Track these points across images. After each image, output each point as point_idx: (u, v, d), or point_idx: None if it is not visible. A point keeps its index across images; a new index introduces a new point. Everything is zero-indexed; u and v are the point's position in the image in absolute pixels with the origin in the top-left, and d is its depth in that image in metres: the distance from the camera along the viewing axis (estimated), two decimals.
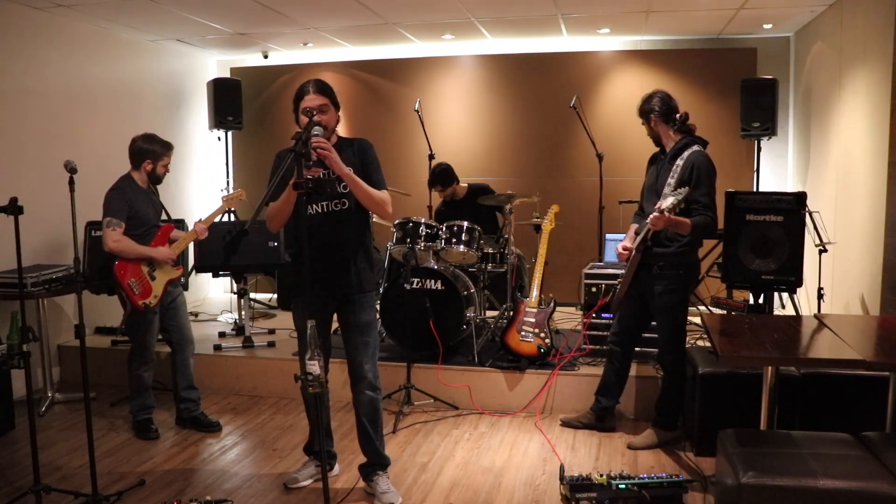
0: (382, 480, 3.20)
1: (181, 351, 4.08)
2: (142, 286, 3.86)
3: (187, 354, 4.09)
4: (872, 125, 4.25)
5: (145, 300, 3.86)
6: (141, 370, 3.99)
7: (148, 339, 3.96)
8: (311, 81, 3.04)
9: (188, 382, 4.10)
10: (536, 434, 3.99)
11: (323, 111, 2.98)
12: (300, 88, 3.03)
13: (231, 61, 7.17)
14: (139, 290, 3.85)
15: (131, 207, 3.84)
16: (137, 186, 3.95)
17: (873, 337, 3.07)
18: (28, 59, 4.89)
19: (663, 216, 3.30)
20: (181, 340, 4.08)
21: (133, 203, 3.86)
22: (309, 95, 2.99)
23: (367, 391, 3.15)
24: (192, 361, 4.14)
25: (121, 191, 3.88)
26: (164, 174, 4.07)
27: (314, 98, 2.98)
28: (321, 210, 3.07)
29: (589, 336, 4.61)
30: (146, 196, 3.98)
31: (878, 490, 2.24)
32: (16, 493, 3.19)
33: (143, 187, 3.98)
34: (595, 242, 5.76)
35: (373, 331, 3.17)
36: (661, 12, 5.35)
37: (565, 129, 6.38)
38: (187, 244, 4.13)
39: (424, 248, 4.71)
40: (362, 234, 3.16)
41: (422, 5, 5.20)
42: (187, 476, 3.49)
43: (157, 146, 3.99)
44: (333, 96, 3.06)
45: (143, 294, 3.86)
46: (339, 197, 3.07)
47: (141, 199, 3.92)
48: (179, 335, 4.08)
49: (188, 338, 4.11)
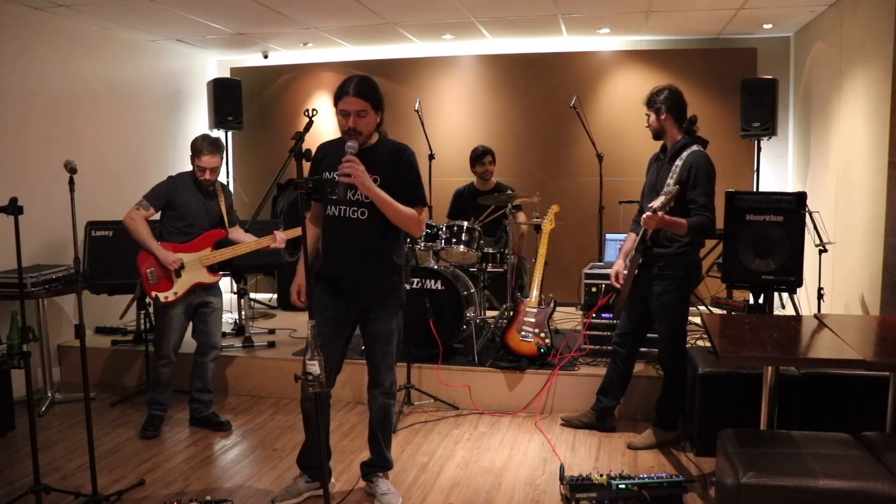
0: (382, 481, 3.20)
1: (203, 354, 4.07)
2: (161, 279, 3.86)
3: (208, 359, 4.08)
4: (872, 125, 4.25)
5: (161, 293, 3.85)
6: (157, 364, 4.01)
7: (167, 335, 3.95)
8: (354, 81, 2.82)
9: (203, 385, 4.09)
10: (536, 434, 3.99)
11: (361, 116, 2.81)
12: (341, 86, 2.83)
13: (231, 61, 7.17)
14: (156, 281, 3.85)
15: (171, 198, 3.88)
16: (189, 182, 3.95)
17: (873, 337, 3.07)
18: (28, 59, 4.88)
19: (655, 216, 3.29)
20: (205, 344, 4.07)
21: (174, 195, 3.88)
22: (348, 97, 2.80)
23: (380, 396, 3.14)
24: (213, 367, 4.12)
25: (168, 180, 3.94)
26: (206, 180, 3.90)
27: (353, 102, 2.80)
28: (338, 214, 2.95)
29: (589, 336, 4.61)
30: (195, 194, 3.94)
31: (878, 490, 2.23)
32: (16, 493, 3.19)
33: (198, 186, 3.95)
34: (595, 242, 5.76)
35: (392, 340, 3.07)
36: (661, 12, 5.35)
37: (565, 129, 6.38)
38: (259, 248, 3.99)
39: (424, 248, 4.71)
40: (385, 244, 2.97)
41: (422, 5, 5.20)
42: (187, 476, 3.49)
43: (195, 144, 3.90)
44: (374, 98, 2.84)
45: (159, 287, 3.85)
46: (359, 206, 2.91)
47: (187, 195, 3.91)
48: (205, 339, 4.07)
49: (213, 343, 4.08)
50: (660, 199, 3.30)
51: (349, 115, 2.83)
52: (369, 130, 2.89)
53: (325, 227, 3.03)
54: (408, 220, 2.92)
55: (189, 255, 3.90)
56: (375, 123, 2.91)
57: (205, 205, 3.98)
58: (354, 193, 2.91)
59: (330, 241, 3.02)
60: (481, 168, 5.47)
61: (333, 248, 3.01)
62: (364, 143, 2.91)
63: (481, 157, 5.47)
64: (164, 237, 3.93)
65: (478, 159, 5.48)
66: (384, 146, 2.98)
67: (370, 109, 2.84)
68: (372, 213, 2.91)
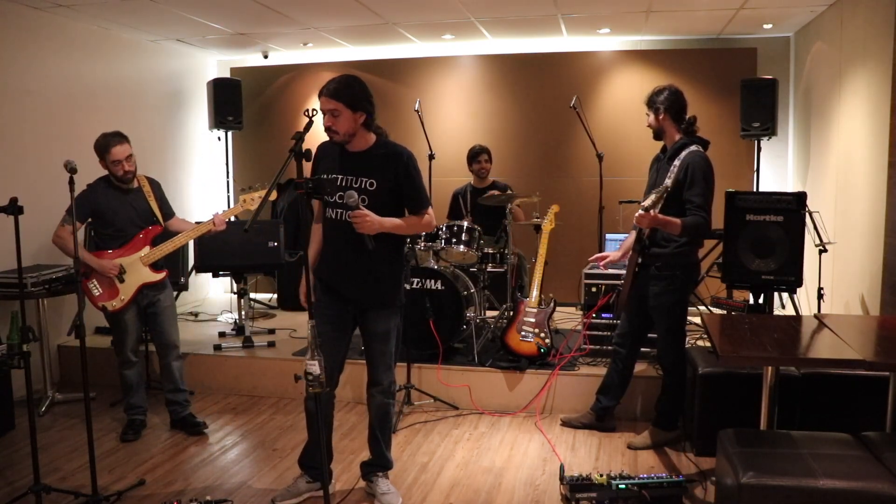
0: (382, 481, 3.20)
1: (164, 356, 4.04)
2: (104, 288, 3.82)
3: (170, 359, 4.03)
4: (872, 125, 4.25)
5: (108, 302, 3.82)
6: (122, 369, 3.99)
7: (124, 339, 3.93)
8: (331, 81, 2.88)
9: (173, 385, 4.06)
10: (536, 434, 3.99)
11: (335, 115, 2.86)
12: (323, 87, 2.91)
13: (231, 61, 7.17)
14: (100, 291, 3.81)
15: (93, 206, 3.80)
16: (106, 186, 3.86)
17: (873, 337, 3.07)
18: (28, 59, 4.88)
19: (648, 214, 3.30)
20: (162, 345, 4.03)
21: (95, 203, 3.80)
22: (322, 97, 2.87)
23: (379, 395, 3.14)
24: (178, 365, 4.07)
25: (85, 189, 3.83)
26: (125, 174, 3.80)
27: (325, 101, 2.86)
28: (335, 217, 2.97)
29: (589, 336, 4.61)
30: (116, 196, 3.85)
31: (878, 490, 2.23)
32: (16, 493, 3.19)
33: (117, 186, 3.86)
34: (595, 242, 5.75)
35: (391, 340, 3.08)
36: (661, 12, 5.35)
37: (565, 129, 6.38)
38: (198, 235, 3.92)
39: (424, 248, 4.72)
40: (384, 247, 2.98)
41: (422, 5, 5.20)
42: (187, 476, 3.49)
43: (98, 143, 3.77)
44: (350, 98, 2.86)
45: (105, 296, 3.82)
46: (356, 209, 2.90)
47: (109, 199, 3.83)
48: (160, 339, 4.03)
49: (169, 342, 4.03)
50: (651, 198, 3.32)
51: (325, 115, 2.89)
52: (347, 129, 2.90)
53: (325, 230, 3.07)
54: (418, 228, 3.04)
55: (127, 258, 3.85)
56: (356, 122, 2.91)
57: (130, 204, 3.89)
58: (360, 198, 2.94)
59: (329, 242, 3.06)
60: (477, 166, 5.59)
61: (332, 249, 3.04)
62: (347, 143, 2.94)
63: (477, 156, 5.58)
64: (100, 246, 3.89)
65: (474, 158, 5.59)
66: (381, 148, 2.99)
67: (344, 108, 2.86)
68: None
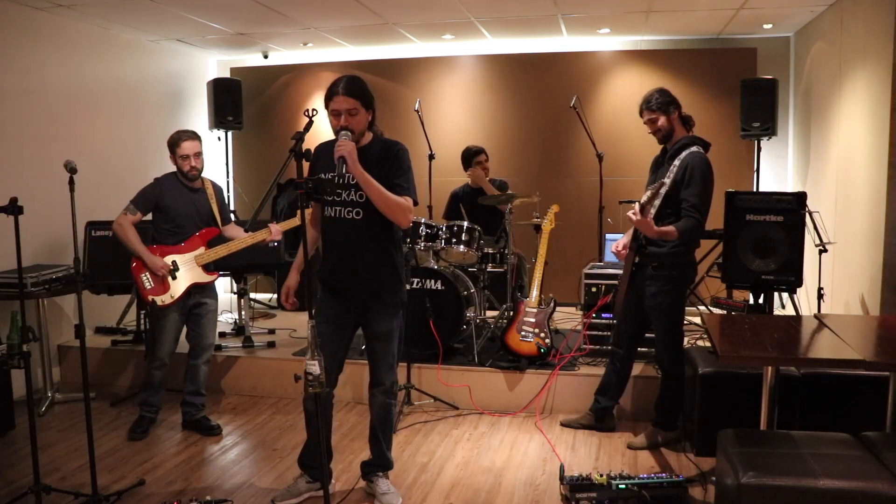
0: (382, 481, 3.20)
1: (195, 356, 4.05)
2: (157, 282, 3.84)
3: (200, 361, 4.05)
4: (872, 125, 4.25)
5: (158, 296, 3.84)
6: (150, 366, 3.99)
7: (161, 337, 3.93)
8: (343, 81, 2.87)
9: (195, 388, 4.07)
10: (536, 434, 3.99)
11: (352, 114, 2.85)
12: (330, 87, 2.88)
13: (231, 61, 7.17)
14: (151, 285, 3.84)
15: (158, 200, 3.87)
16: (175, 182, 3.93)
17: (873, 337, 3.07)
18: (28, 59, 4.88)
19: (643, 220, 3.32)
20: (198, 346, 4.04)
21: (161, 197, 3.87)
22: (338, 97, 2.85)
23: (381, 395, 3.14)
24: (205, 369, 4.08)
25: (153, 183, 3.92)
26: (191, 169, 3.88)
27: (343, 101, 2.84)
28: (334, 215, 2.98)
29: (589, 336, 4.61)
30: (182, 193, 3.92)
31: (878, 490, 2.23)
32: (16, 493, 3.19)
33: (184, 184, 3.93)
34: (595, 242, 5.76)
35: (393, 339, 3.08)
36: (661, 12, 5.35)
37: (565, 129, 6.38)
38: (254, 243, 3.91)
39: (424, 248, 4.71)
40: (382, 244, 2.99)
41: (422, 5, 5.20)
42: (187, 476, 3.49)
43: (171, 138, 3.89)
44: (364, 96, 2.89)
45: (156, 290, 3.84)
46: (354, 206, 2.94)
47: (174, 195, 3.89)
48: (198, 341, 4.04)
49: (207, 345, 4.06)
50: (645, 195, 3.33)
51: (340, 115, 2.87)
52: (361, 128, 2.92)
53: (324, 229, 3.08)
54: (394, 207, 2.88)
55: (182, 256, 3.88)
56: (367, 121, 2.94)
57: (194, 204, 3.94)
58: (349, 194, 2.93)
59: (328, 242, 3.06)
60: (478, 167, 5.44)
61: (331, 248, 3.04)
62: (358, 142, 2.93)
63: (475, 156, 5.43)
64: (157, 240, 3.91)
65: (471, 158, 5.44)
66: (377, 145, 3.00)
67: (360, 107, 2.88)
68: (367, 213, 2.93)
